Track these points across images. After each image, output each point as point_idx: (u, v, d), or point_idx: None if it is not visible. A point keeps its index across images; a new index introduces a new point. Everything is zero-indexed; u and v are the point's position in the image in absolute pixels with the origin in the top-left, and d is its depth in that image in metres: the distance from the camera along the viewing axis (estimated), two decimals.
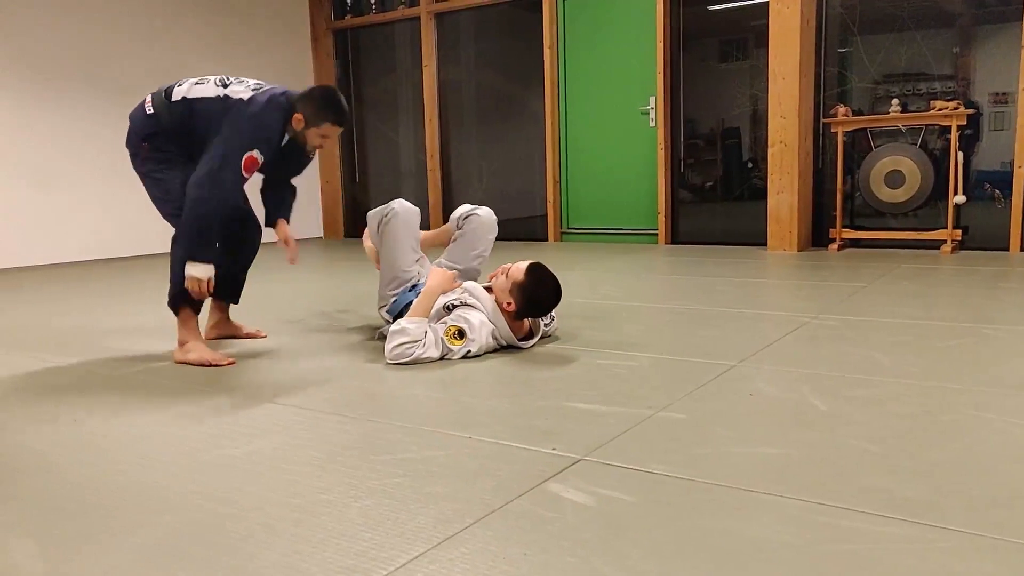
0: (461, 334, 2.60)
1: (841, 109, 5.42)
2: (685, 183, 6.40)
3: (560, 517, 1.40)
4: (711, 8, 6.19)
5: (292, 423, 1.99)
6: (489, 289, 2.79)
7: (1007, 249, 5.14)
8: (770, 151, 5.55)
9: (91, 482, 1.64)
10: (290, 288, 4.42)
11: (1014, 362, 2.39)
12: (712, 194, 6.42)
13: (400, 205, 2.92)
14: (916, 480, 1.52)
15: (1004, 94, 5.16)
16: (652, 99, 6.23)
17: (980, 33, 5.27)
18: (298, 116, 2.74)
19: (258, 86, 2.79)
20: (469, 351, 2.60)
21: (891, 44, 5.46)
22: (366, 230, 3.16)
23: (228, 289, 3.03)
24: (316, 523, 1.40)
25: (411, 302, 2.74)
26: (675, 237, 6.33)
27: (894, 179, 5.37)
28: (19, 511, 1.50)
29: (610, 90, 6.46)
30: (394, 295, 2.91)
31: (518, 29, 7.01)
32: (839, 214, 5.53)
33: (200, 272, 2.62)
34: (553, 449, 1.73)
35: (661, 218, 6.27)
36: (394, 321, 2.72)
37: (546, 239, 6.81)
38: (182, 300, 2.71)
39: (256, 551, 1.30)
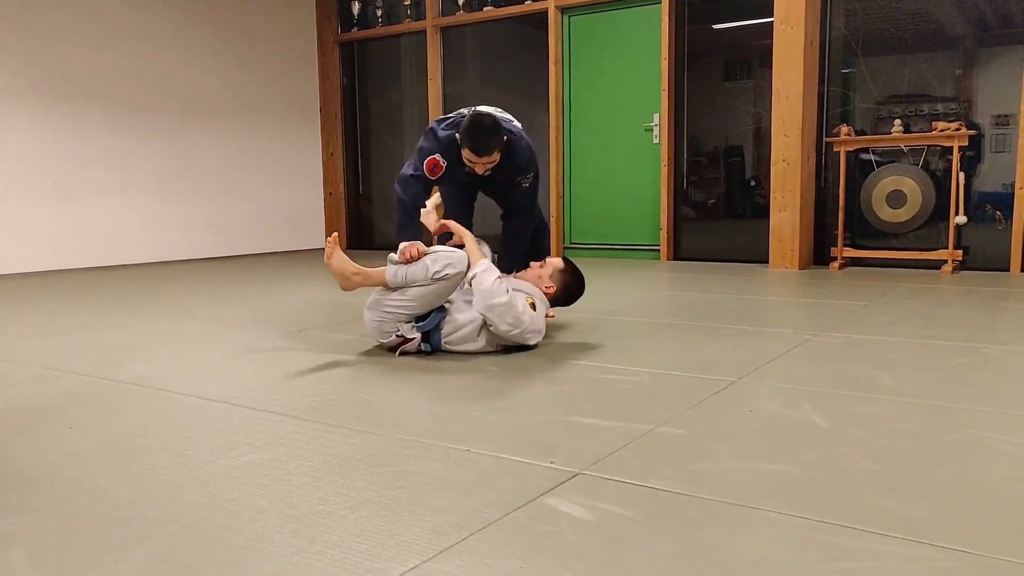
0: (534, 307, 2.93)
1: (844, 129, 5.44)
2: (688, 200, 6.41)
3: (557, 531, 1.39)
4: (716, 27, 6.22)
5: (292, 434, 1.98)
6: None
7: (1008, 270, 5.13)
8: (773, 169, 5.57)
9: (92, 492, 1.63)
10: (293, 299, 4.42)
11: (1015, 382, 2.39)
12: (715, 211, 6.43)
13: (460, 261, 2.84)
14: (918, 499, 1.52)
15: (1005, 116, 5.18)
16: (656, 116, 6.26)
17: (982, 56, 5.29)
18: (458, 135, 3.02)
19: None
20: (540, 330, 2.93)
21: (894, 65, 5.48)
22: (330, 250, 2.93)
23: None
24: (312, 534, 1.40)
25: (443, 317, 2.88)
26: (677, 253, 6.34)
27: (896, 199, 5.38)
28: (20, 522, 1.49)
29: (614, 106, 6.48)
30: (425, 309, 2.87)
31: (523, 44, 7.04)
32: (840, 233, 5.54)
33: (402, 245, 2.92)
34: (551, 463, 1.73)
35: (663, 234, 6.27)
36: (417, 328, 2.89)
37: (548, 254, 6.79)
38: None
39: (253, 561, 1.30)
